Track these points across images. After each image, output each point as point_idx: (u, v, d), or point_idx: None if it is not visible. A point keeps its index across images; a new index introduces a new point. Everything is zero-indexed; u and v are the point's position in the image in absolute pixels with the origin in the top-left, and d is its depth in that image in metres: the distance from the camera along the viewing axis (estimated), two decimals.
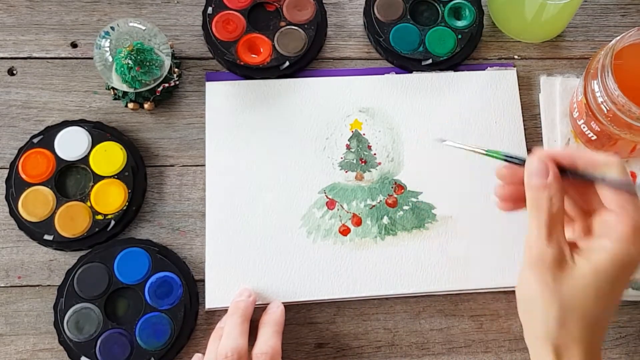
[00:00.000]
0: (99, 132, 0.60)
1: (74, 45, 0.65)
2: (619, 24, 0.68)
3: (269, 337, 0.53)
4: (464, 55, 0.65)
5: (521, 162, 0.45)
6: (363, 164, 0.62)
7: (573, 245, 0.44)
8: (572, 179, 0.44)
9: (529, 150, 0.63)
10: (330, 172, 0.62)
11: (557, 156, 0.44)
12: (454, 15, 0.66)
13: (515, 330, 0.59)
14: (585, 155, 0.44)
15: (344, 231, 0.60)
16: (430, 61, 0.64)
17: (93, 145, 0.60)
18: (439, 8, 0.66)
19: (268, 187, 0.61)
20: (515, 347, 0.59)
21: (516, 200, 0.47)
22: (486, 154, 0.48)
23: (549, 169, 0.44)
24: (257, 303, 0.57)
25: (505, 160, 0.47)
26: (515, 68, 0.66)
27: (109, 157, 0.60)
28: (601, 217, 0.44)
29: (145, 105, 0.62)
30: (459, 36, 0.65)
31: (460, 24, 0.66)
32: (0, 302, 0.58)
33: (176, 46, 0.65)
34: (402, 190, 0.62)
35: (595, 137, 0.59)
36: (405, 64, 0.64)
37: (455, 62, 0.65)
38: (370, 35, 0.65)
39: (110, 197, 0.59)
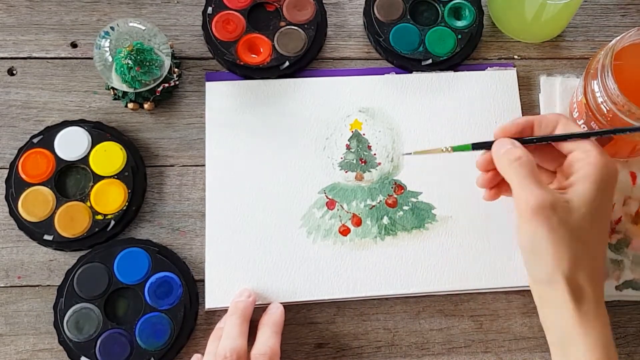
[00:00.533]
0: (99, 132, 0.60)
1: (74, 45, 0.65)
2: (619, 24, 0.68)
3: (268, 337, 0.53)
4: (464, 55, 0.65)
5: (490, 145, 0.51)
6: (363, 164, 0.62)
7: (559, 190, 0.48)
8: (532, 145, 0.51)
9: None
10: (330, 172, 0.62)
11: (514, 129, 0.51)
12: (454, 15, 0.66)
13: (515, 330, 0.59)
14: (536, 120, 0.51)
15: (344, 231, 0.60)
16: (430, 61, 0.64)
17: (93, 145, 0.60)
18: (438, 8, 0.66)
19: (268, 187, 0.61)
20: (515, 347, 0.59)
21: (498, 185, 0.54)
22: (455, 150, 0.53)
23: (512, 141, 0.50)
24: (256, 303, 0.57)
25: (474, 149, 0.52)
26: (515, 68, 0.66)
27: (109, 157, 0.60)
28: (570, 160, 0.50)
29: (145, 105, 0.62)
30: (459, 36, 0.65)
31: (460, 24, 0.66)
32: (0, 302, 0.58)
33: (176, 46, 0.65)
34: (402, 191, 0.62)
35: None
36: (405, 64, 0.64)
37: (455, 62, 0.65)
38: (370, 35, 0.65)
39: (110, 197, 0.59)
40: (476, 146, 0.52)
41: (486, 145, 0.52)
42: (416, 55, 0.64)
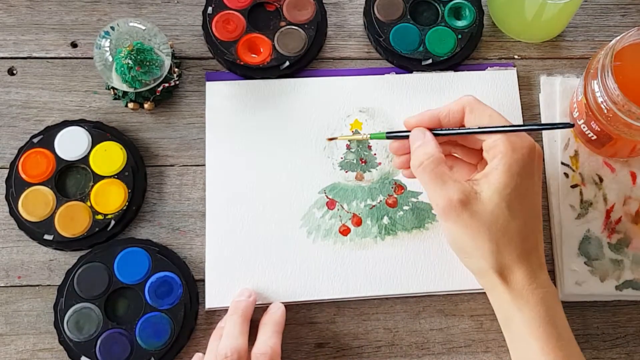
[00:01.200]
0: (99, 132, 0.60)
1: (74, 45, 0.65)
2: (619, 24, 0.68)
3: (268, 337, 0.53)
4: (464, 55, 0.65)
5: (405, 136, 0.53)
6: (363, 164, 0.62)
7: (473, 183, 0.50)
8: (443, 135, 0.52)
9: None
10: (330, 172, 0.62)
11: (425, 122, 0.53)
12: (454, 15, 0.66)
13: None
14: (441, 113, 0.52)
15: (344, 231, 0.60)
16: (430, 61, 0.64)
17: (93, 145, 0.60)
18: (439, 8, 0.66)
19: (268, 187, 0.61)
20: None
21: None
22: (371, 138, 0.57)
23: (424, 133, 0.52)
24: (257, 303, 0.57)
25: (389, 138, 0.55)
26: (515, 68, 0.66)
27: (109, 157, 0.60)
28: (484, 148, 0.51)
29: (145, 105, 0.62)
30: (459, 36, 0.65)
31: (460, 23, 0.66)
32: (0, 302, 0.58)
33: (176, 46, 0.65)
34: (402, 191, 0.62)
35: (595, 137, 0.59)
36: (405, 64, 0.64)
37: (455, 62, 0.65)
38: (370, 35, 0.65)
39: (110, 197, 0.59)
40: (390, 136, 0.55)
41: (399, 136, 0.54)
42: (416, 55, 0.64)
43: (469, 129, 0.52)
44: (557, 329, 0.49)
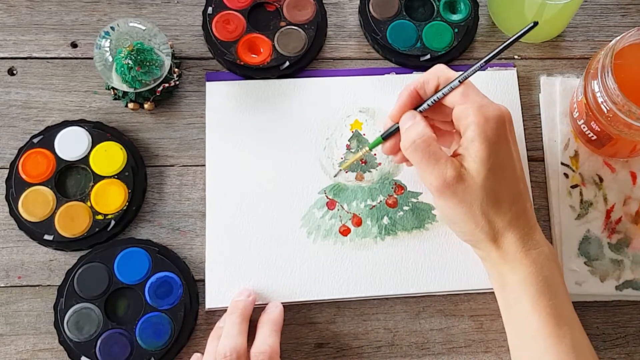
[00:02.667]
0: (99, 132, 0.60)
1: (74, 45, 0.65)
2: (619, 24, 0.68)
3: (267, 336, 0.53)
4: (462, 48, 0.65)
5: (396, 129, 0.53)
6: (363, 164, 0.62)
7: (458, 158, 0.50)
8: (430, 109, 0.53)
9: (528, 150, 0.63)
10: (330, 172, 0.62)
11: (404, 104, 0.53)
12: (449, 9, 0.66)
13: None
14: (418, 84, 0.53)
15: (344, 231, 0.60)
16: (428, 56, 0.64)
17: (93, 145, 0.60)
18: (433, 3, 0.66)
19: (268, 187, 0.61)
20: None
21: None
22: (370, 148, 0.57)
23: (413, 114, 0.52)
24: (257, 303, 0.57)
25: (385, 139, 0.55)
26: (515, 68, 0.66)
27: (109, 157, 0.60)
28: (455, 118, 0.51)
29: (145, 105, 0.62)
30: (456, 30, 0.65)
31: (455, 17, 0.66)
32: (0, 302, 0.58)
33: (176, 46, 0.65)
34: (402, 191, 0.62)
35: (595, 137, 0.59)
36: (404, 60, 0.64)
37: (453, 55, 0.65)
38: (367, 33, 0.65)
39: (110, 197, 0.59)
40: (386, 136, 0.55)
41: (394, 130, 0.54)
42: (414, 52, 0.64)
43: (445, 87, 0.52)
44: (550, 288, 0.49)
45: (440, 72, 0.53)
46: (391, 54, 0.65)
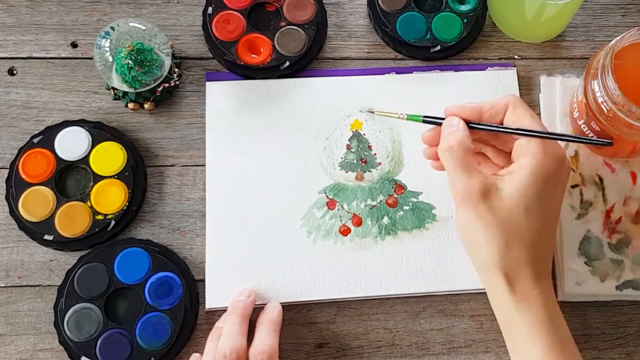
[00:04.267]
0: (99, 132, 0.60)
1: (74, 45, 0.65)
2: (619, 24, 0.68)
3: (266, 336, 0.53)
4: (472, 38, 0.65)
5: (439, 123, 0.53)
6: (363, 164, 0.62)
7: (497, 177, 0.49)
8: (480, 130, 0.52)
9: None
10: (330, 172, 0.62)
11: (465, 113, 0.52)
12: (458, 0, 0.66)
13: None
14: (485, 107, 0.52)
15: (344, 231, 0.60)
16: (438, 47, 0.64)
17: (93, 145, 0.60)
18: None
19: (268, 187, 0.61)
20: None
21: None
22: (408, 119, 0.56)
23: (459, 122, 0.51)
24: (257, 303, 0.57)
25: (425, 122, 0.54)
26: (515, 68, 0.66)
27: (109, 157, 0.60)
28: (516, 146, 0.50)
29: (146, 105, 0.62)
30: (465, 20, 0.65)
31: (464, 8, 0.66)
32: (0, 302, 0.58)
33: (176, 46, 0.65)
34: (403, 191, 0.62)
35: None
36: (414, 52, 0.65)
37: (463, 46, 0.65)
38: (376, 26, 0.65)
39: (110, 197, 0.59)
40: (427, 120, 0.54)
41: (436, 122, 0.54)
42: (424, 43, 0.64)
43: (507, 127, 0.51)
44: (558, 334, 0.48)
45: (510, 105, 0.51)
46: (401, 46, 0.65)
